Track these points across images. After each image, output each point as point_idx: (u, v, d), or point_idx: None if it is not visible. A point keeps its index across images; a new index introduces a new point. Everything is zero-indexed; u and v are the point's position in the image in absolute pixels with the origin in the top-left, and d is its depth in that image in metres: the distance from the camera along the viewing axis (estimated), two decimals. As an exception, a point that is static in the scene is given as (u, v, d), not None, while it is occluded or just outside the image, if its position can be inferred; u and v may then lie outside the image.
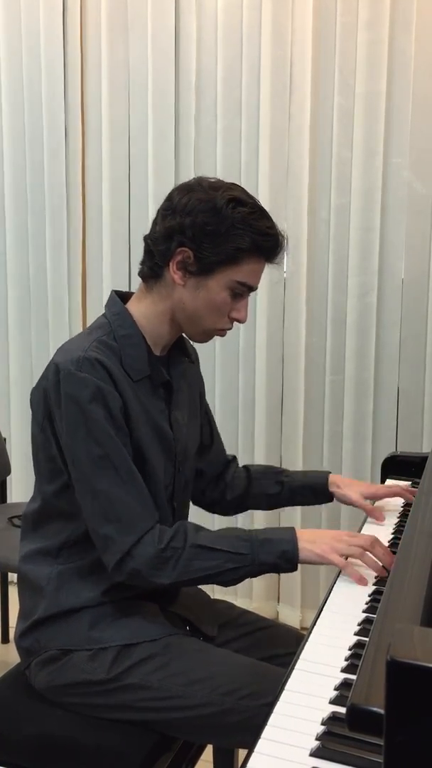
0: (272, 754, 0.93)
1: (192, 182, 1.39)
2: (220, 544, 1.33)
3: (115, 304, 1.43)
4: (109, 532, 1.30)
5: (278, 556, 1.33)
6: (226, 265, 1.35)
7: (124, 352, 1.37)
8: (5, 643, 2.72)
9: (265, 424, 2.76)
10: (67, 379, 1.30)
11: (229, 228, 1.33)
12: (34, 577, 1.42)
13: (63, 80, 2.87)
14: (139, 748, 1.31)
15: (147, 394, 1.40)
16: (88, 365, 1.30)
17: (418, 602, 0.98)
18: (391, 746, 0.68)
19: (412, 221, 2.59)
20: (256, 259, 1.37)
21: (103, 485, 1.30)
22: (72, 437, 1.31)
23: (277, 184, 2.66)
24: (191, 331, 1.44)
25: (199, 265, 1.35)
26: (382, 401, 2.68)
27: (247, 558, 1.32)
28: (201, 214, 1.33)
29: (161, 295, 1.40)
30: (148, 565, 1.30)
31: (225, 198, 1.33)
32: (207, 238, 1.33)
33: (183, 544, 1.31)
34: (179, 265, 1.36)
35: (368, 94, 2.54)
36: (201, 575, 1.32)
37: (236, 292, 1.38)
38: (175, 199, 1.37)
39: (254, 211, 1.35)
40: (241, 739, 1.29)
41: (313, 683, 1.06)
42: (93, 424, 1.29)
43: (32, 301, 3.02)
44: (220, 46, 2.66)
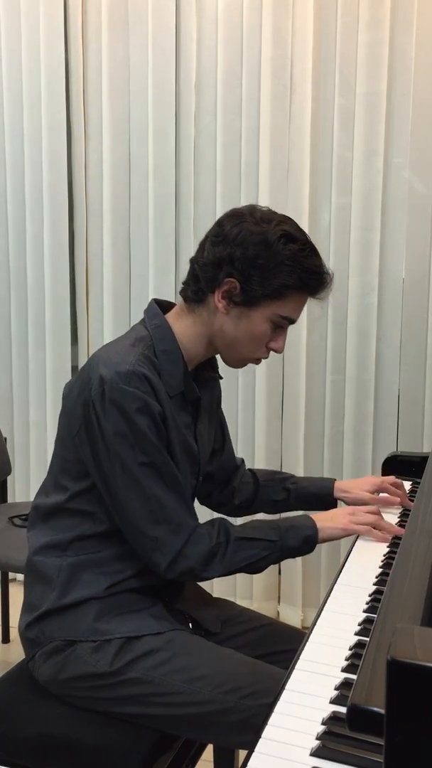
0: (273, 754, 0.93)
1: (244, 210, 1.41)
2: (256, 534, 1.42)
3: (156, 315, 1.45)
4: (160, 534, 1.35)
5: (302, 540, 1.43)
6: (271, 299, 1.37)
7: (163, 368, 1.40)
8: (5, 643, 2.72)
9: (266, 425, 2.76)
10: (116, 392, 1.33)
11: (279, 264, 1.35)
12: (44, 568, 1.43)
13: (64, 80, 2.87)
14: (140, 747, 1.32)
15: (178, 408, 1.43)
16: (136, 380, 1.33)
17: (418, 602, 0.98)
18: (391, 746, 0.68)
19: (412, 221, 2.59)
20: (300, 295, 1.40)
21: (153, 490, 1.35)
22: (120, 446, 1.34)
23: (278, 184, 2.66)
24: (227, 356, 1.47)
25: (245, 296, 1.37)
26: (383, 401, 2.68)
27: (277, 545, 1.42)
28: (252, 246, 1.35)
29: (202, 318, 1.43)
30: (200, 561, 1.37)
31: (277, 233, 1.35)
32: (256, 271, 1.35)
33: (227, 539, 1.39)
34: (225, 294, 1.38)
35: (369, 94, 2.54)
36: (244, 564, 1.40)
37: (277, 325, 1.42)
38: (226, 227, 1.38)
39: (305, 248, 1.37)
40: (242, 739, 1.29)
41: (314, 683, 1.07)
42: (139, 434, 1.33)
43: (33, 301, 3.02)
44: (221, 46, 2.66)
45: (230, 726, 1.29)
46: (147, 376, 1.34)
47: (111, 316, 2.90)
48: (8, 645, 2.70)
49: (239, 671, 1.33)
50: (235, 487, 1.73)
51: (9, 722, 1.38)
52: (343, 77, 2.57)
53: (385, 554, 1.47)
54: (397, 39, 2.51)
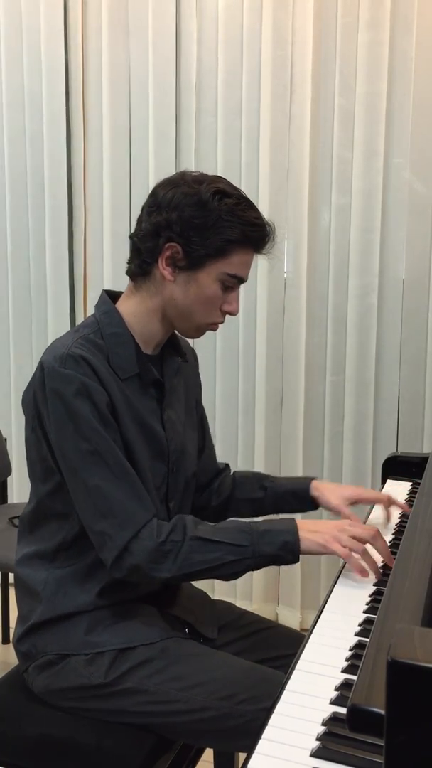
0: (273, 755, 0.92)
1: (175, 177, 1.38)
2: (220, 536, 1.32)
3: (105, 303, 1.43)
4: (104, 528, 1.29)
5: (280, 547, 1.31)
6: (215, 257, 1.34)
7: (112, 350, 1.36)
8: (5, 644, 2.72)
9: (265, 425, 2.76)
10: (52, 376, 1.30)
11: (217, 220, 1.32)
12: (31, 581, 1.40)
13: (64, 81, 2.87)
14: (139, 748, 1.31)
15: (136, 393, 1.39)
16: (71, 361, 1.29)
17: (418, 603, 0.98)
18: (391, 747, 0.68)
19: (412, 222, 2.59)
20: (245, 251, 1.36)
21: (95, 480, 1.29)
22: (60, 434, 1.30)
23: (278, 184, 2.66)
24: (183, 327, 1.43)
25: (189, 259, 1.34)
26: (383, 401, 2.68)
27: (248, 550, 1.31)
28: (187, 208, 1.32)
29: (150, 292, 1.39)
30: (147, 559, 1.29)
31: (210, 190, 1.32)
32: (195, 231, 1.32)
33: (182, 537, 1.30)
34: (168, 260, 1.35)
35: (369, 94, 2.54)
36: (202, 568, 1.30)
37: (227, 285, 1.38)
38: (159, 194, 1.36)
39: (240, 202, 1.34)
40: (240, 743, 1.29)
41: (314, 684, 1.06)
42: (80, 420, 1.28)
43: (33, 301, 3.02)
44: (221, 47, 2.66)
45: (227, 731, 1.28)
46: (84, 357, 1.30)
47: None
48: (8, 645, 2.70)
49: (235, 676, 1.31)
50: (213, 489, 1.67)
51: (9, 723, 1.38)
52: (343, 78, 2.57)
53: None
54: (397, 39, 2.51)
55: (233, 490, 1.66)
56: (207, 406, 2.87)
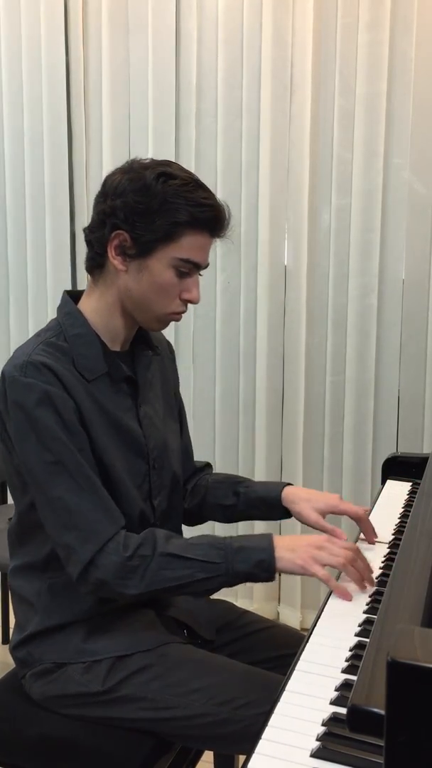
0: (273, 755, 0.92)
1: (125, 164, 1.34)
2: (191, 553, 1.26)
3: (66, 304, 1.38)
4: (69, 541, 1.25)
5: (254, 565, 1.26)
6: (164, 242, 1.28)
7: (76, 351, 1.32)
8: (5, 644, 2.72)
9: (266, 425, 2.76)
10: (12, 386, 1.25)
11: (162, 203, 1.26)
12: (25, 592, 1.38)
13: (64, 81, 2.87)
14: (139, 750, 1.31)
15: (107, 392, 1.34)
16: (32, 369, 1.25)
17: (418, 603, 0.98)
18: (391, 747, 0.68)
19: (412, 222, 2.59)
20: (196, 233, 1.30)
21: (58, 492, 1.24)
22: (22, 445, 1.26)
23: (278, 185, 2.66)
24: (143, 319, 1.37)
25: (137, 246, 1.29)
26: (383, 402, 2.68)
27: (221, 567, 1.26)
28: (131, 193, 1.27)
29: (107, 285, 1.35)
30: (113, 574, 1.24)
31: (155, 173, 1.28)
32: (139, 216, 1.27)
33: (152, 552, 1.25)
34: (117, 249, 1.30)
35: (369, 95, 2.54)
36: (171, 585, 1.25)
37: (182, 271, 1.32)
38: (107, 183, 1.32)
39: (187, 182, 1.29)
40: (239, 747, 1.28)
41: (314, 684, 1.06)
42: (42, 430, 1.24)
43: (33, 302, 3.02)
44: (221, 47, 2.66)
45: (227, 736, 1.27)
46: (45, 363, 1.25)
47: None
48: (8, 646, 2.70)
49: (233, 681, 1.30)
50: (188, 490, 1.60)
51: (8, 725, 1.38)
52: (343, 78, 2.57)
53: (385, 555, 1.46)
54: (397, 40, 2.52)
55: (206, 494, 1.58)
56: (207, 406, 2.87)
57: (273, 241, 2.68)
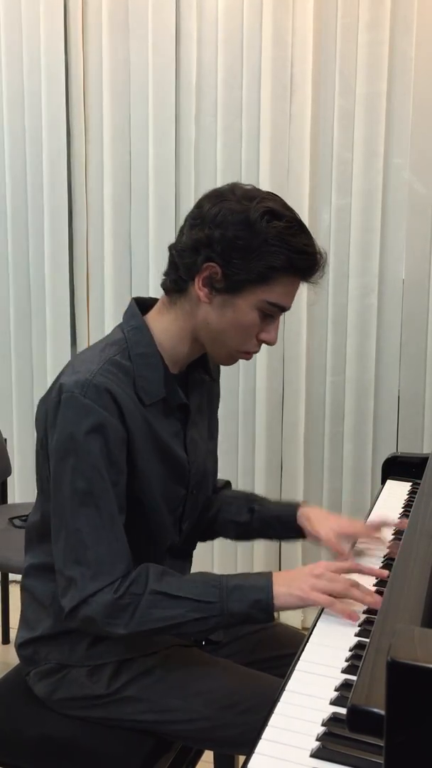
0: (273, 755, 0.92)
1: (225, 189, 1.27)
2: (184, 591, 1.21)
3: (134, 316, 1.33)
4: (74, 575, 1.22)
5: (250, 605, 1.20)
6: (256, 284, 1.23)
7: (138, 373, 1.27)
8: (6, 644, 2.72)
9: (266, 426, 2.76)
10: (68, 402, 1.21)
11: (262, 244, 1.21)
12: (38, 593, 1.38)
13: (64, 81, 2.87)
14: (139, 750, 1.31)
15: (159, 416, 1.31)
16: (93, 391, 1.20)
17: (418, 603, 0.98)
18: (391, 747, 0.68)
19: (412, 222, 2.59)
20: (290, 279, 1.25)
21: (79, 524, 1.21)
22: (59, 464, 1.22)
23: (278, 185, 2.66)
24: (215, 353, 1.34)
25: (227, 282, 1.24)
26: (383, 402, 2.68)
27: (215, 607, 1.20)
28: (232, 226, 1.21)
29: (184, 311, 1.30)
30: (103, 613, 1.20)
31: (259, 210, 1.21)
32: (237, 253, 1.22)
33: (143, 591, 1.20)
34: (205, 281, 1.25)
35: (369, 95, 2.54)
36: (162, 625, 1.21)
37: (266, 313, 1.27)
38: (204, 207, 1.25)
39: (291, 225, 1.23)
40: (240, 750, 1.29)
41: (314, 684, 1.06)
42: (84, 457, 1.20)
43: (33, 302, 3.02)
44: (221, 47, 2.66)
45: (227, 739, 1.27)
46: (109, 389, 1.21)
47: (111, 317, 2.89)
48: (8, 646, 2.70)
49: (236, 685, 1.29)
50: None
51: (9, 724, 1.38)
52: (343, 78, 2.57)
53: (385, 555, 1.46)
54: (397, 40, 2.52)
55: (219, 510, 1.55)
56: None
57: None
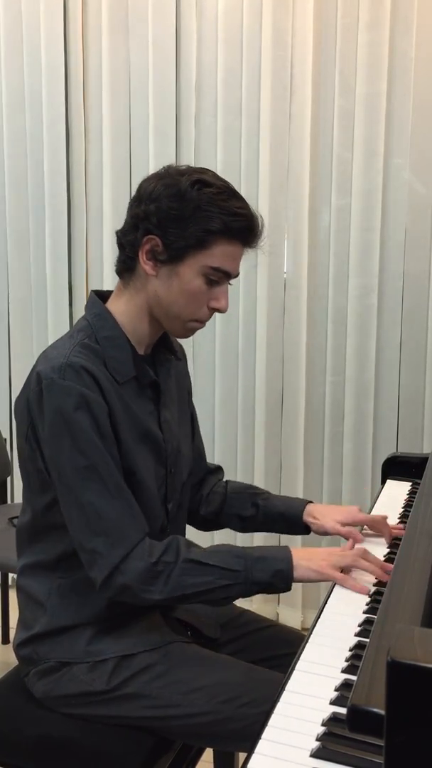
0: (273, 755, 0.92)
1: (161, 170, 1.35)
2: (213, 560, 1.28)
3: (95, 304, 1.38)
4: (96, 546, 1.25)
5: (272, 574, 1.29)
6: (195, 249, 1.28)
7: (107, 354, 1.32)
8: (5, 644, 2.72)
9: (265, 425, 2.76)
10: (50, 388, 1.25)
11: (195, 210, 1.27)
12: (34, 591, 1.38)
13: (64, 81, 2.87)
14: (139, 749, 1.31)
15: (133, 395, 1.35)
16: (71, 372, 1.25)
17: (418, 603, 0.98)
18: (391, 747, 0.68)
19: (412, 222, 2.59)
20: (228, 242, 1.29)
21: (89, 497, 1.25)
22: (56, 448, 1.26)
23: (278, 185, 2.66)
24: (170, 325, 1.38)
25: (169, 252, 1.29)
26: (383, 402, 2.68)
27: (241, 575, 1.28)
28: (165, 199, 1.28)
29: (136, 288, 1.35)
30: (138, 580, 1.25)
31: (190, 180, 1.28)
32: (172, 222, 1.27)
33: (175, 559, 1.27)
34: (149, 254, 1.30)
35: (369, 95, 2.54)
36: (193, 591, 1.27)
37: (212, 279, 1.31)
38: (142, 187, 1.33)
39: (222, 191, 1.29)
40: (241, 745, 1.28)
41: (314, 684, 1.06)
42: (78, 434, 1.24)
43: (33, 302, 3.02)
44: (221, 47, 2.66)
45: (228, 734, 1.27)
46: (84, 366, 1.26)
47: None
48: (8, 645, 2.70)
49: (236, 680, 1.30)
50: (203, 496, 1.61)
51: (9, 724, 1.38)
52: (343, 78, 2.58)
53: (385, 555, 1.46)
54: (397, 40, 2.52)
55: (223, 503, 1.60)
56: (207, 407, 2.87)
57: (273, 241, 2.68)
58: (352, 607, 1.27)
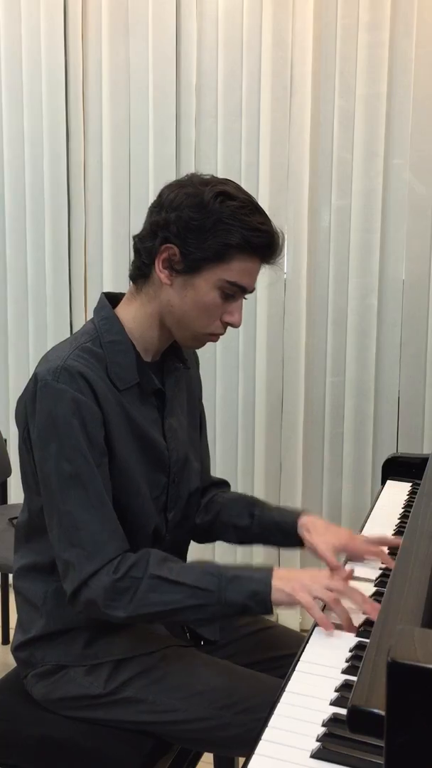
0: (273, 756, 0.92)
1: (184, 178, 1.33)
2: (183, 578, 1.22)
3: (104, 308, 1.37)
4: (70, 558, 1.23)
5: (248, 596, 1.21)
6: (213, 262, 1.27)
7: (110, 359, 1.30)
8: (5, 645, 2.72)
9: (265, 426, 2.76)
10: (44, 390, 1.24)
11: (216, 222, 1.25)
12: (30, 595, 1.38)
13: (64, 82, 2.87)
14: (139, 750, 1.31)
15: (135, 402, 1.33)
16: (66, 375, 1.23)
17: (418, 604, 0.98)
18: (391, 748, 0.68)
19: (412, 223, 2.59)
20: (247, 257, 1.28)
21: (69, 506, 1.23)
22: (43, 451, 1.25)
23: (278, 185, 2.66)
24: (180, 336, 1.36)
25: (186, 262, 1.27)
26: (383, 402, 2.68)
27: (213, 595, 1.21)
28: (187, 209, 1.26)
29: (149, 296, 1.33)
30: (103, 595, 1.22)
31: (213, 192, 1.26)
32: (192, 233, 1.25)
33: (142, 574, 1.22)
34: (165, 263, 1.29)
35: (369, 95, 2.54)
36: (160, 610, 1.22)
37: (227, 293, 1.30)
38: (164, 195, 1.31)
39: (245, 205, 1.26)
40: (240, 750, 1.28)
41: (314, 685, 1.06)
42: (65, 440, 1.23)
43: (32, 303, 3.02)
44: (221, 48, 2.66)
45: (227, 740, 1.27)
46: (80, 371, 1.24)
47: (111, 317, 2.89)
48: (8, 646, 2.70)
49: (235, 685, 1.29)
50: (201, 505, 1.56)
51: (8, 725, 1.38)
52: (343, 79, 2.58)
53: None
54: (397, 41, 2.52)
55: (219, 512, 1.55)
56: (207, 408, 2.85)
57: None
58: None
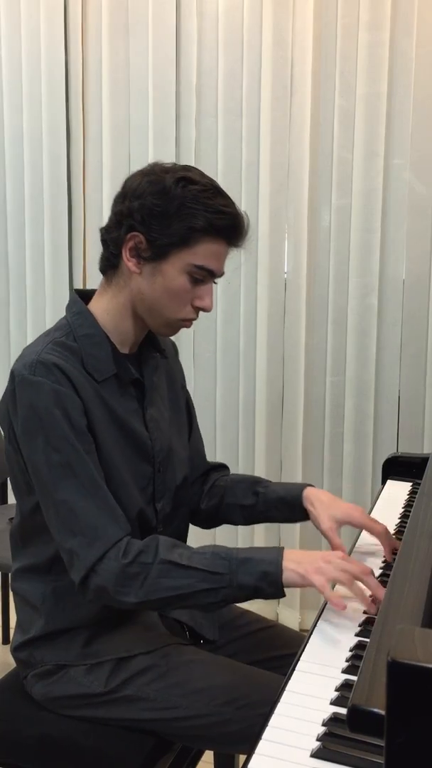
0: (273, 755, 0.92)
1: (146, 167, 1.33)
2: (194, 562, 1.22)
3: (75, 303, 1.36)
4: (73, 546, 1.23)
5: (259, 577, 1.20)
6: (179, 247, 1.27)
7: (86, 352, 1.30)
8: (6, 644, 2.72)
9: (266, 426, 2.76)
10: (22, 385, 1.24)
11: (179, 207, 1.25)
12: (29, 595, 1.38)
13: (64, 82, 2.87)
14: (140, 750, 1.31)
15: (115, 394, 1.33)
16: (42, 369, 1.24)
17: (419, 603, 0.98)
18: (391, 747, 0.68)
19: (412, 222, 2.59)
20: (212, 240, 1.28)
21: (64, 495, 1.23)
22: (30, 446, 1.24)
23: (278, 185, 2.66)
24: (153, 323, 1.35)
25: (152, 249, 1.27)
26: (383, 402, 2.68)
27: (225, 578, 1.20)
28: (150, 195, 1.26)
29: (119, 286, 1.33)
30: (113, 581, 1.21)
31: (175, 177, 1.27)
32: (156, 219, 1.26)
33: (152, 560, 1.22)
34: (132, 251, 1.29)
35: (369, 95, 2.54)
36: (171, 595, 1.21)
37: (196, 278, 1.30)
38: (127, 184, 1.31)
39: (207, 188, 1.27)
40: (241, 747, 1.28)
41: (314, 684, 1.06)
42: (51, 430, 1.22)
43: (31, 303, 3.02)
44: (221, 48, 2.66)
45: (228, 736, 1.27)
46: (56, 363, 1.24)
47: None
48: (8, 646, 2.70)
49: (236, 682, 1.30)
50: (204, 491, 1.58)
51: (9, 725, 1.38)
52: (344, 78, 2.58)
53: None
54: (398, 40, 2.52)
55: (224, 495, 1.56)
56: (207, 408, 2.88)
57: (273, 241, 2.68)
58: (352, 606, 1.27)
